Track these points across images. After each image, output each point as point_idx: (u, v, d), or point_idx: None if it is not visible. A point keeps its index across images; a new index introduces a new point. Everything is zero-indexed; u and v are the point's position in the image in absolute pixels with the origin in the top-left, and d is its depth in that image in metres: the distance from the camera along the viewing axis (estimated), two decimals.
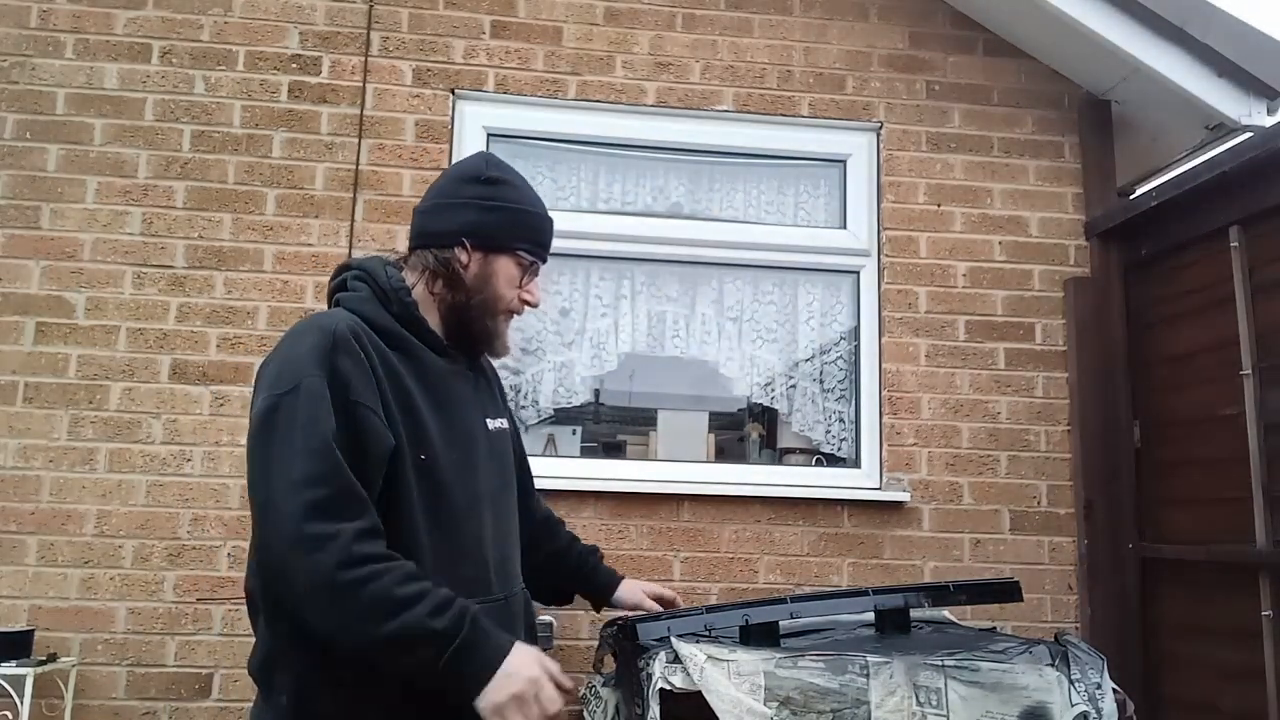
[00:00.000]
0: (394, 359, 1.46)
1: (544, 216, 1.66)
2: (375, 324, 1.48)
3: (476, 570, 1.50)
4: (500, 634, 1.37)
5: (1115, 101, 3.65)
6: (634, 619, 2.35)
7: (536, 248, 1.63)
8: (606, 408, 3.62)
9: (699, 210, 3.62)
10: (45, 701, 2.89)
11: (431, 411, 1.48)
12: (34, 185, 3.22)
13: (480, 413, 1.64)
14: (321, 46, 3.41)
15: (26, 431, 3.09)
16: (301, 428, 1.30)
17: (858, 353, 3.53)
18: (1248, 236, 2.91)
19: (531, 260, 1.63)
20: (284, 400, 1.33)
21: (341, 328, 1.42)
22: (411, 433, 1.44)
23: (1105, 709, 2.20)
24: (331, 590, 1.24)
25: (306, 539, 1.24)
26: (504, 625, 1.49)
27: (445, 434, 1.49)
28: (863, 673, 2.16)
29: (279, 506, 1.27)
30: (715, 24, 3.59)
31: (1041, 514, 3.42)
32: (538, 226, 1.64)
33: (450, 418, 1.51)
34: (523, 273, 1.62)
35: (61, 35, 3.31)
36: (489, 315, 1.59)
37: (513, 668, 1.33)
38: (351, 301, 1.52)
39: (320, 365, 1.36)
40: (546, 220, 1.67)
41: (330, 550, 1.24)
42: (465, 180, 1.62)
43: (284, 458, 1.29)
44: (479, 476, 1.55)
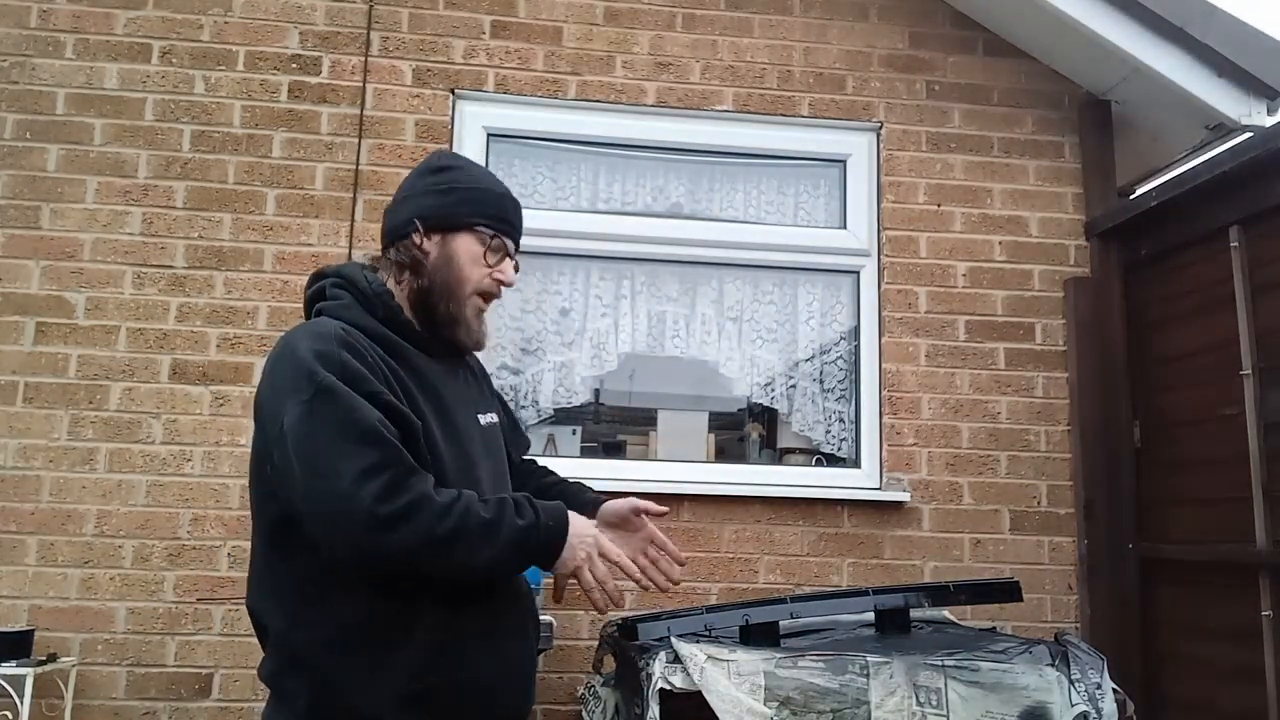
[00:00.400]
0: (390, 362, 1.46)
1: (502, 194, 1.62)
2: (364, 329, 1.47)
3: None
4: (555, 508, 1.46)
5: (1115, 101, 3.65)
6: (634, 619, 2.35)
7: (497, 222, 1.58)
8: (606, 408, 3.62)
9: (699, 210, 3.62)
10: (45, 701, 2.89)
11: (430, 412, 1.48)
12: (34, 185, 3.22)
13: (473, 409, 1.62)
14: (321, 46, 3.41)
15: (26, 431, 3.09)
16: (339, 424, 1.31)
17: (858, 353, 3.54)
18: (1248, 236, 2.91)
19: (493, 234, 1.57)
20: (313, 405, 1.33)
21: (335, 330, 1.42)
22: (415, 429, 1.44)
23: (1105, 709, 2.20)
24: (432, 551, 1.32)
25: (384, 521, 1.29)
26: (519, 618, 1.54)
27: (444, 433, 1.49)
28: (863, 673, 2.16)
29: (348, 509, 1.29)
30: (715, 24, 3.59)
31: (1041, 514, 3.42)
32: (495, 202, 1.60)
33: (447, 417, 1.51)
34: (486, 249, 1.57)
35: (61, 35, 3.31)
36: (452, 299, 1.54)
37: (576, 534, 1.45)
38: (335, 310, 1.50)
39: (329, 366, 1.35)
40: (506, 197, 1.62)
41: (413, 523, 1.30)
42: (420, 174, 1.63)
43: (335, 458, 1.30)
44: (480, 473, 1.54)
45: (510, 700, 1.51)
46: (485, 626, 1.45)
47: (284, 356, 1.41)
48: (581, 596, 1.53)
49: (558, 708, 3.11)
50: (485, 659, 1.44)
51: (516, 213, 1.63)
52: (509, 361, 3.49)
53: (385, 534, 1.28)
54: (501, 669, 1.47)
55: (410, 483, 1.32)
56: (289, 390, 1.35)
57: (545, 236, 3.45)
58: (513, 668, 1.51)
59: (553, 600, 1.66)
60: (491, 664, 1.45)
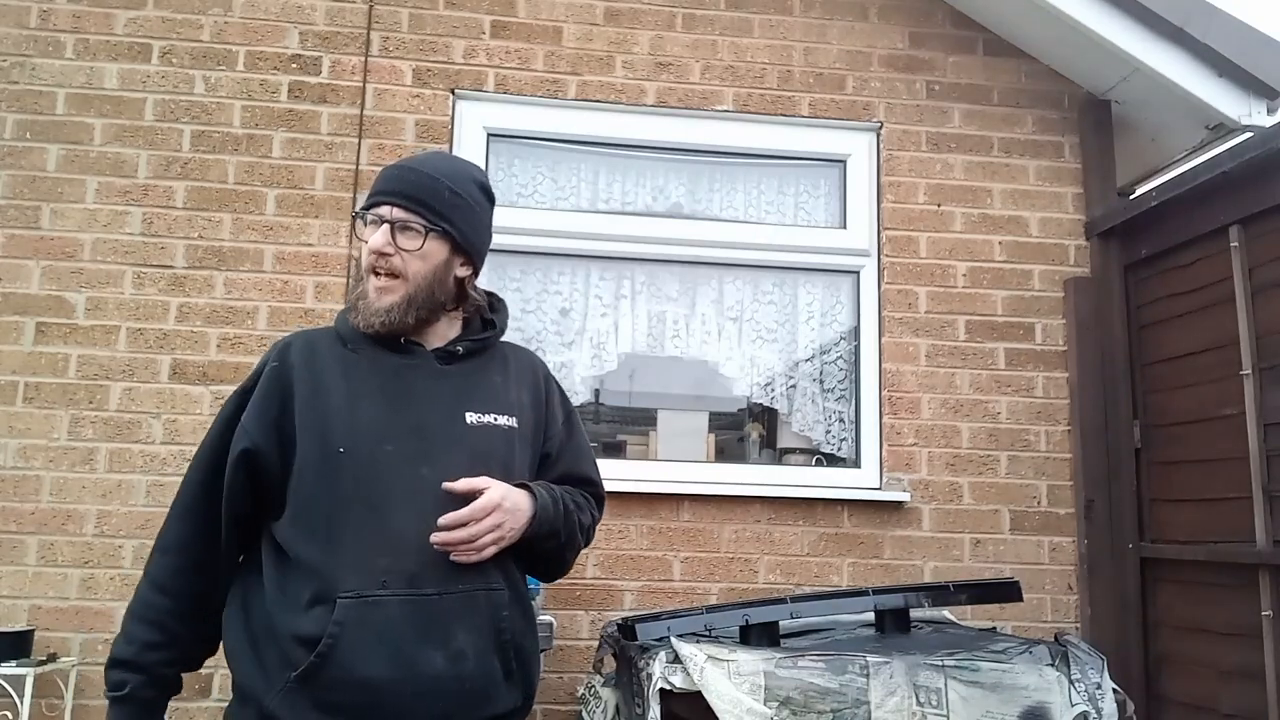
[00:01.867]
0: (348, 360, 1.57)
1: (383, 169, 1.64)
2: (340, 332, 1.62)
3: (396, 563, 1.44)
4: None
5: (1115, 101, 3.65)
6: (634, 619, 2.35)
7: (371, 198, 1.60)
8: (606, 408, 3.62)
9: (699, 210, 3.62)
10: (45, 701, 2.89)
11: (370, 405, 1.52)
12: (34, 185, 3.22)
13: (455, 406, 1.58)
14: (321, 46, 3.41)
15: (26, 431, 3.09)
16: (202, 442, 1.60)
17: (858, 353, 3.54)
18: (1248, 236, 2.91)
19: (364, 211, 1.60)
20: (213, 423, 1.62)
21: (283, 343, 1.61)
22: (326, 428, 1.50)
23: (1105, 709, 2.20)
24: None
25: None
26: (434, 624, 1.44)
27: (382, 427, 1.51)
28: (863, 673, 2.16)
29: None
30: (715, 24, 3.59)
31: (1041, 514, 3.42)
32: (378, 179, 1.62)
33: (396, 411, 1.53)
34: (370, 228, 1.58)
35: (61, 35, 3.31)
36: (358, 286, 1.62)
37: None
38: (338, 315, 1.68)
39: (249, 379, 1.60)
40: (384, 170, 1.63)
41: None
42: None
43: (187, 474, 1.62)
44: (423, 469, 1.50)
45: (413, 708, 1.43)
46: (369, 626, 1.41)
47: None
48: (582, 595, 1.52)
49: (558, 708, 3.11)
50: (371, 660, 1.39)
51: (394, 179, 1.60)
52: None
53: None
54: (396, 674, 1.40)
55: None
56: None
57: (545, 236, 3.46)
58: (415, 674, 1.42)
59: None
60: (379, 666, 1.40)
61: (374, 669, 1.39)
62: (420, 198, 1.57)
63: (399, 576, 1.44)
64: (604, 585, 3.21)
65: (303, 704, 1.39)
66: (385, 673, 1.40)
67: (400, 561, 1.44)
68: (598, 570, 3.22)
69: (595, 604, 3.19)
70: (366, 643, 1.40)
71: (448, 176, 1.61)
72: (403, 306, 1.56)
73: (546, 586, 3.08)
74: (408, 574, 1.44)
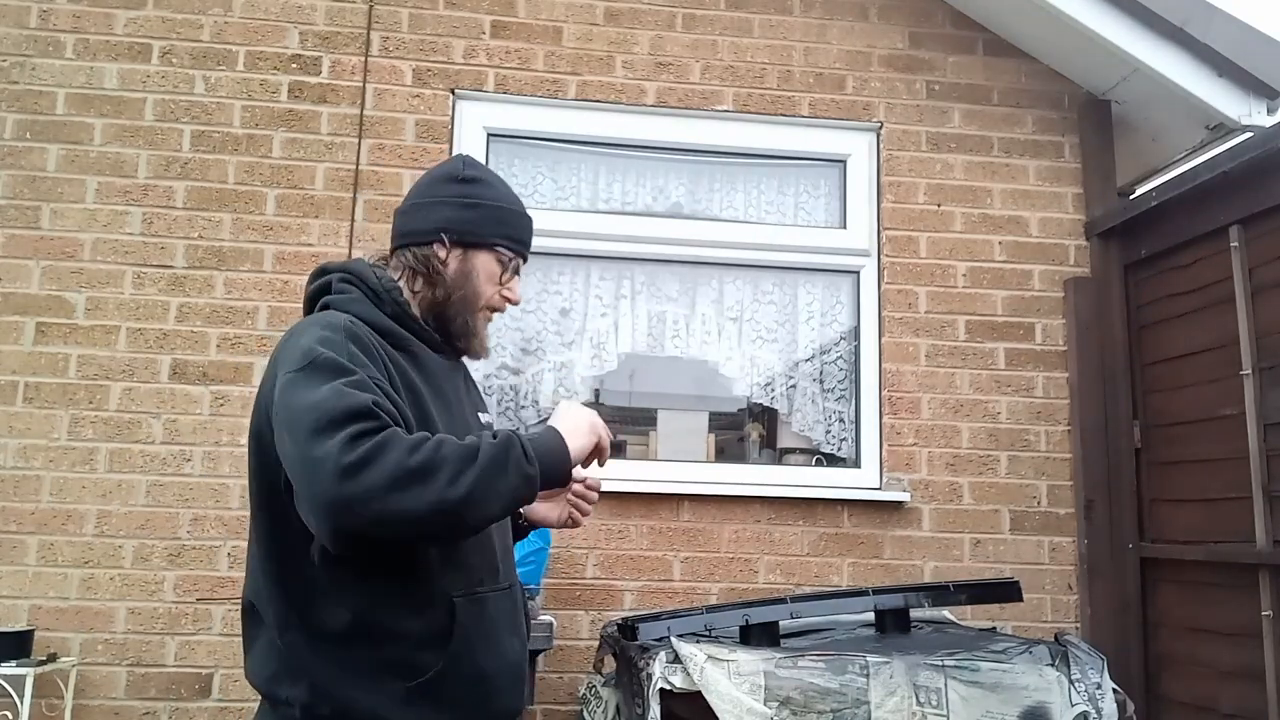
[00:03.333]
0: (398, 357, 1.46)
1: (523, 214, 1.65)
2: (372, 324, 1.46)
3: (485, 558, 1.50)
4: (536, 428, 1.47)
5: (1115, 101, 3.65)
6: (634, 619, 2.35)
7: (517, 244, 1.62)
8: (606, 408, 3.61)
9: (699, 210, 3.62)
10: (45, 701, 2.89)
11: (436, 407, 1.49)
12: (34, 185, 3.22)
13: (473, 408, 1.66)
14: (321, 46, 3.41)
15: (26, 431, 3.09)
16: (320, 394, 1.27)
17: (858, 353, 3.54)
18: (1248, 236, 2.91)
19: (511, 257, 1.61)
20: (302, 372, 1.30)
21: (344, 321, 1.41)
22: (421, 426, 1.41)
23: (1105, 709, 2.20)
24: (406, 486, 1.21)
25: (348, 468, 1.19)
26: (513, 613, 1.55)
27: (451, 427, 1.49)
28: (863, 673, 2.16)
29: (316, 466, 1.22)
30: (715, 24, 3.59)
31: (1041, 514, 3.42)
32: (517, 223, 1.63)
33: (451, 414, 1.53)
34: (502, 270, 1.60)
35: (61, 35, 3.31)
36: (469, 311, 1.58)
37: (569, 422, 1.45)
38: (343, 304, 1.49)
39: (331, 347, 1.33)
40: (526, 218, 1.66)
41: (379, 462, 1.21)
42: (443, 180, 1.63)
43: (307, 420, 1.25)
44: None
45: (508, 695, 1.52)
46: (486, 620, 1.47)
47: (288, 344, 1.39)
48: (582, 595, 1.54)
49: (558, 708, 3.11)
50: (483, 654, 1.45)
51: (531, 233, 1.67)
52: (509, 361, 3.49)
53: (350, 481, 1.19)
54: (499, 664, 1.48)
55: (378, 430, 1.24)
56: (283, 363, 1.34)
57: (545, 236, 3.40)
58: (509, 663, 1.52)
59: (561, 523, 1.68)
60: (489, 658, 1.46)
61: (486, 662, 1.45)
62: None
63: (489, 572, 1.50)
64: (604, 585, 3.21)
65: (425, 708, 1.38)
66: (492, 664, 1.46)
67: (486, 557, 1.51)
68: (598, 570, 3.22)
69: (595, 604, 3.19)
70: (479, 638, 1.44)
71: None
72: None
73: (546, 586, 3.08)
74: (492, 568, 1.51)
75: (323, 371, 1.29)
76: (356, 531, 1.23)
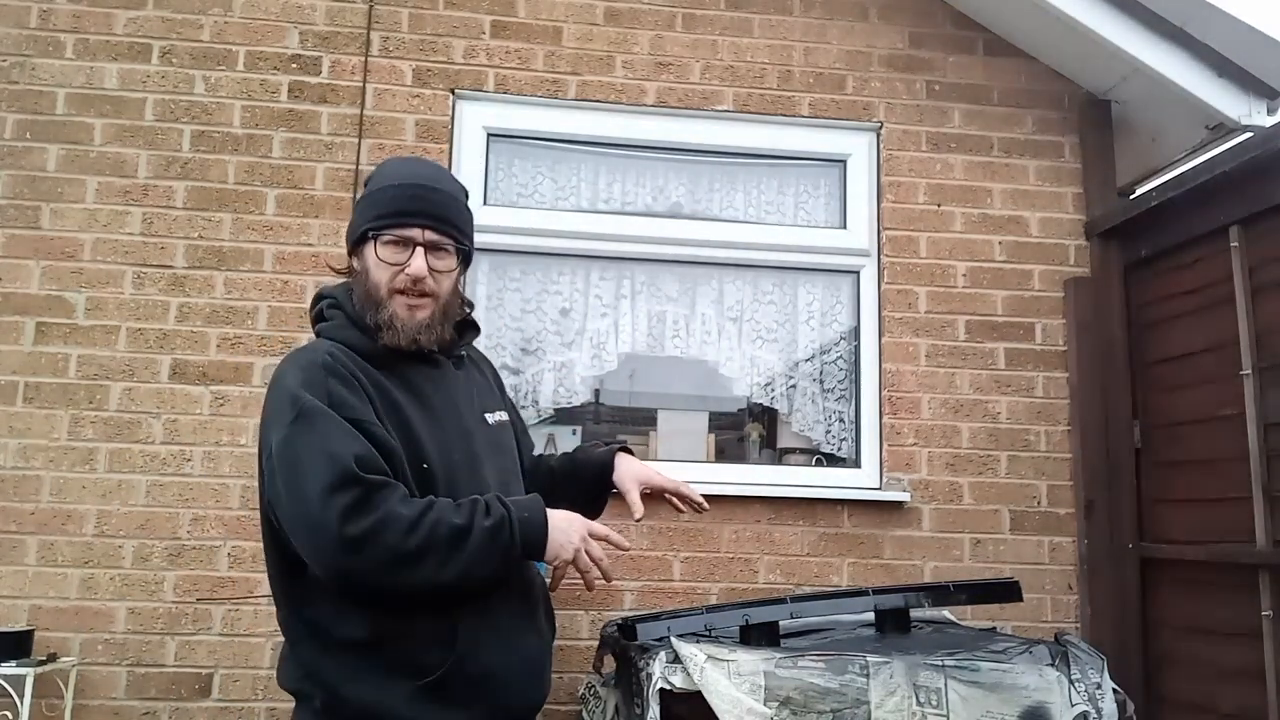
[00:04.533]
0: (379, 376, 1.52)
1: (392, 185, 1.57)
2: (355, 347, 1.54)
3: None
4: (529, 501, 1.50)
5: (1115, 101, 3.65)
6: (634, 619, 2.35)
7: (387, 219, 1.54)
8: (606, 408, 3.62)
9: (699, 210, 3.62)
10: (45, 701, 2.89)
11: (424, 420, 1.53)
12: (34, 185, 3.22)
13: (477, 409, 1.67)
14: (321, 46, 3.41)
15: (26, 431, 3.09)
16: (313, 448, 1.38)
17: (858, 353, 3.54)
18: (1248, 236, 2.91)
19: (379, 231, 1.54)
20: (293, 430, 1.41)
21: (321, 356, 1.49)
22: (407, 445, 1.49)
23: (1105, 709, 2.20)
24: (401, 568, 1.35)
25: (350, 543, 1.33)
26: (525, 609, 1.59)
27: (441, 439, 1.54)
28: (863, 673, 2.16)
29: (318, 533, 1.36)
30: (715, 24, 3.59)
31: (1041, 514, 3.42)
32: (385, 200, 1.56)
33: (444, 421, 1.55)
34: (391, 248, 1.54)
35: (61, 35, 3.31)
36: (376, 307, 1.55)
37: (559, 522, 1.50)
38: (330, 330, 1.59)
39: (313, 390, 1.43)
40: (400, 187, 1.56)
41: (379, 542, 1.34)
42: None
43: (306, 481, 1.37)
44: (484, 472, 1.59)
45: (523, 691, 1.55)
46: (493, 620, 1.50)
47: (274, 387, 1.50)
48: (581, 595, 1.56)
49: (558, 708, 3.10)
50: (494, 652, 1.49)
51: (417, 198, 1.56)
52: (509, 361, 3.49)
53: (353, 556, 1.34)
54: (512, 661, 1.51)
55: (377, 499, 1.35)
56: (275, 418, 1.45)
57: (545, 236, 3.46)
58: (523, 659, 1.54)
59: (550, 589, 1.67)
60: (501, 656, 1.49)
61: (495, 660, 1.48)
62: (449, 218, 1.60)
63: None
64: (604, 585, 3.21)
65: (433, 706, 1.43)
66: (502, 661, 1.50)
67: None
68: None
69: (595, 604, 3.19)
70: (487, 637, 1.48)
71: (459, 192, 1.66)
72: (438, 320, 1.60)
73: None
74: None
75: (309, 420, 1.40)
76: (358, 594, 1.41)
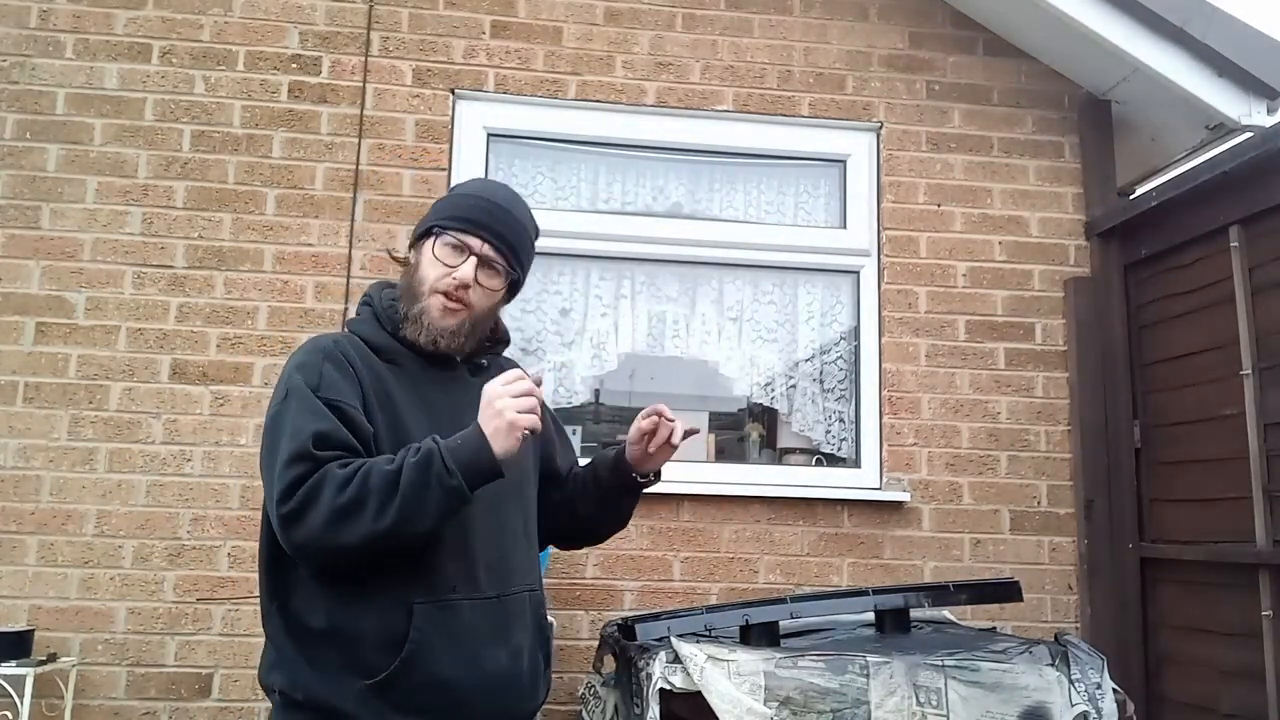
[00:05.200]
0: (384, 370, 1.55)
1: (470, 194, 1.63)
2: (371, 341, 1.59)
3: (462, 568, 1.51)
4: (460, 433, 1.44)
5: (1115, 101, 3.65)
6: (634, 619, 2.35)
7: (454, 221, 1.58)
8: (606, 408, 3.62)
9: (699, 210, 3.62)
10: (45, 701, 2.89)
11: (419, 418, 1.54)
12: (34, 185, 3.22)
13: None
14: (321, 46, 3.41)
15: (26, 431, 3.09)
16: (285, 427, 1.44)
17: (858, 353, 3.53)
18: (1248, 236, 2.91)
19: (444, 230, 1.57)
20: (278, 409, 1.48)
21: (327, 342, 1.55)
22: (392, 433, 1.50)
23: (1105, 709, 2.20)
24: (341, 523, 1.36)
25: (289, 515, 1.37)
26: (498, 624, 1.54)
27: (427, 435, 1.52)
28: (863, 673, 2.16)
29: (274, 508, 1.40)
30: (715, 24, 3.59)
31: (1041, 514, 3.42)
32: (459, 203, 1.63)
33: (442, 423, 1.52)
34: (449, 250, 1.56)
35: (61, 35, 3.31)
36: (412, 299, 1.58)
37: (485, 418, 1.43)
38: (354, 324, 1.66)
39: (306, 372, 1.48)
40: (475, 197, 1.62)
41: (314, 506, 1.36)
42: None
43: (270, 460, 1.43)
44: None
45: (485, 706, 1.50)
46: (454, 629, 1.47)
47: (285, 367, 1.55)
48: (581, 595, 1.55)
49: (558, 708, 3.11)
50: (451, 663, 1.46)
51: (488, 213, 1.60)
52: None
53: (298, 523, 1.37)
54: (471, 676, 1.47)
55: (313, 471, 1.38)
56: (272, 399, 1.51)
57: (545, 236, 3.42)
58: (486, 676, 1.49)
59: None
60: (458, 670, 1.46)
61: (450, 670, 1.45)
62: (511, 242, 1.62)
63: (466, 581, 1.50)
64: (604, 585, 3.21)
65: (382, 707, 1.43)
66: (459, 673, 1.46)
67: (465, 567, 1.51)
68: (598, 570, 3.22)
69: (595, 604, 3.19)
70: (443, 645, 1.45)
71: (530, 224, 1.69)
72: (465, 330, 1.61)
73: (546, 586, 3.08)
74: (471, 578, 1.51)
75: (292, 402, 1.46)
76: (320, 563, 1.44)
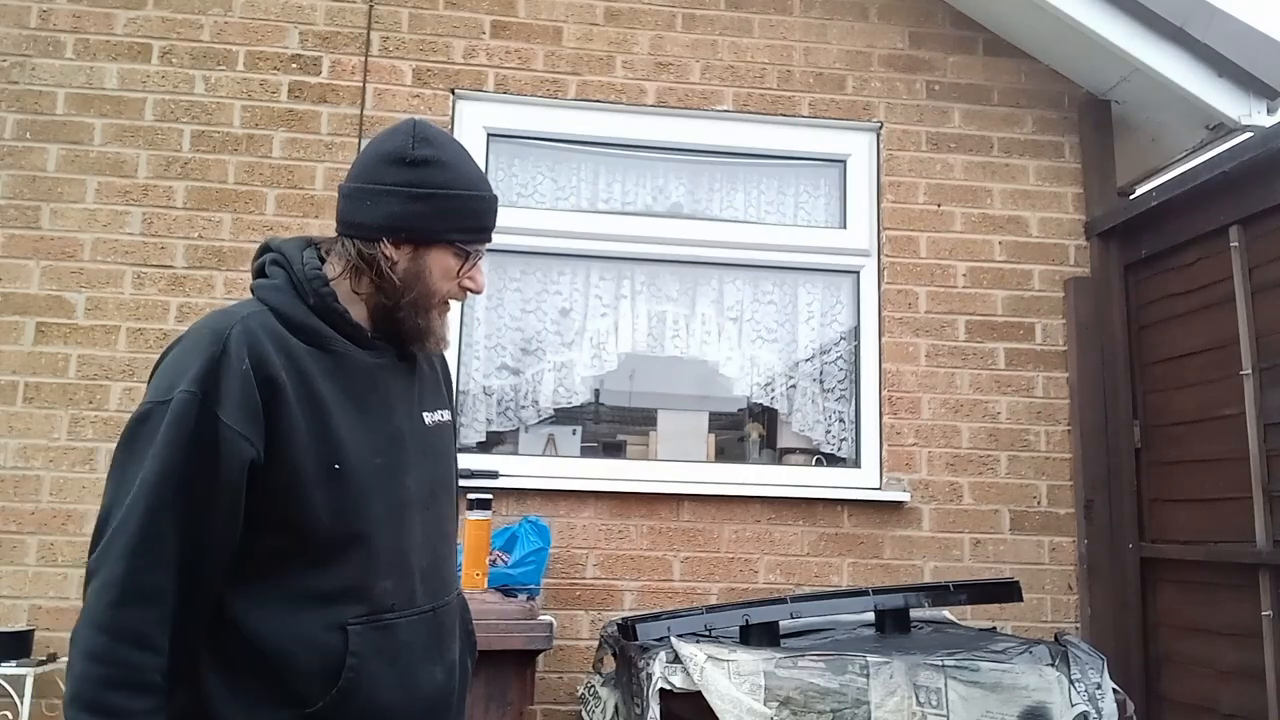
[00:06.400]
0: (306, 359, 1.33)
1: (481, 196, 1.46)
2: (288, 318, 1.35)
3: (399, 582, 1.37)
4: None
5: (1115, 101, 3.65)
6: (634, 619, 2.35)
7: (475, 234, 1.44)
8: (606, 408, 3.62)
9: (699, 210, 3.62)
10: (45, 701, 2.89)
11: (351, 414, 1.36)
12: (34, 185, 3.22)
13: (415, 407, 1.48)
14: (321, 46, 3.41)
15: (26, 431, 3.09)
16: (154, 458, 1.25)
17: (858, 353, 3.54)
18: (1248, 236, 2.91)
19: (469, 243, 1.44)
20: (155, 410, 1.28)
21: (237, 333, 1.30)
22: (321, 446, 1.31)
23: (1105, 709, 2.20)
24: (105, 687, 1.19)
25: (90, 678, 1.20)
26: (434, 639, 1.42)
27: (367, 437, 1.37)
28: (863, 673, 2.16)
29: (92, 593, 1.27)
30: (715, 24, 3.59)
31: (1041, 514, 3.42)
32: (475, 209, 1.45)
33: (374, 418, 1.38)
34: (461, 262, 1.44)
35: (61, 35, 3.31)
36: (421, 312, 1.43)
37: None
38: (264, 290, 1.40)
39: (198, 381, 1.27)
40: (484, 199, 1.46)
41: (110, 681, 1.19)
42: (390, 162, 1.46)
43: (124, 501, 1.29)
44: (408, 480, 1.41)
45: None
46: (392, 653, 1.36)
47: (164, 355, 1.36)
48: (582, 595, 1.52)
49: (557, 708, 3.11)
50: (384, 685, 1.34)
51: (494, 213, 1.49)
52: (509, 361, 3.49)
53: (94, 634, 1.22)
54: (406, 696, 1.37)
55: (130, 668, 1.20)
56: (142, 400, 1.31)
57: (545, 236, 3.46)
58: (424, 698, 1.39)
59: None
60: (395, 695, 1.35)
61: (387, 694, 1.34)
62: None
63: (403, 596, 1.37)
64: (604, 585, 3.21)
65: None
66: (398, 695, 1.35)
67: (402, 580, 1.38)
68: (598, 570, 3.22)
69: (595, 604, 3.19)
70: (381, 668, 1.33)
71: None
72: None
73: (546, 586, 3.08)
74: (408, 592, 1.38)
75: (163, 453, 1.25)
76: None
